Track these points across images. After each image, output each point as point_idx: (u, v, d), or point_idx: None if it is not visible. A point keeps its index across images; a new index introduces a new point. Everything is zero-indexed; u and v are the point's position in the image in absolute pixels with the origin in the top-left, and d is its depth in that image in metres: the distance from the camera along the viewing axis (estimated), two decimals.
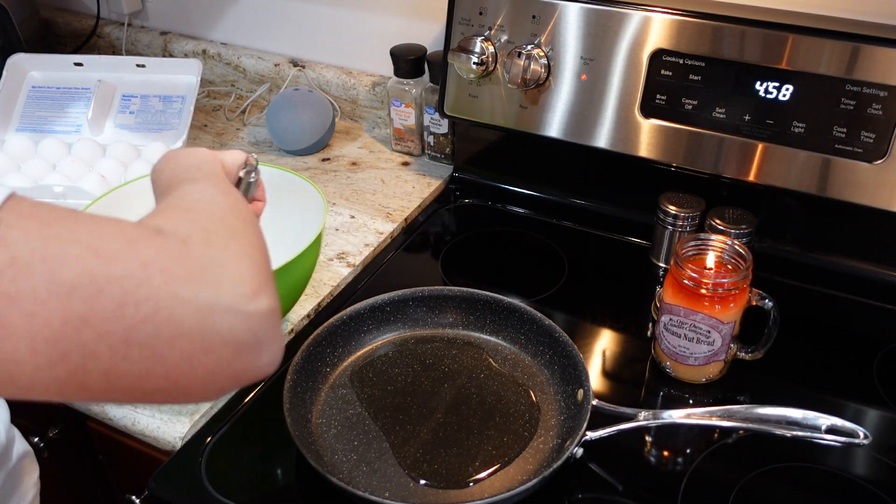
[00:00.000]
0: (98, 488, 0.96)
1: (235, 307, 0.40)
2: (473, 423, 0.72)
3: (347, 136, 1.23)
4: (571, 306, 0.89)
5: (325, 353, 0.77)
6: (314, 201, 0.83)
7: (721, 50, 0.83)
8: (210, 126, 1.27)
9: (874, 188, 0.79)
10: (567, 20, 0.89)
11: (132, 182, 0.87)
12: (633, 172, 0.98)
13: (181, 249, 0.40)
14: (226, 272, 0.41)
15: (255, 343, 0.42)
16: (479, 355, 0.79)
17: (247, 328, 0.41)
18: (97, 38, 1.45)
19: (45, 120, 1.15)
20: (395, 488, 0.66)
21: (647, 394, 0.78)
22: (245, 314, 0.41)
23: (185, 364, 0.39)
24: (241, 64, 1.33)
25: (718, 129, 0.85)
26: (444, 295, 0.82)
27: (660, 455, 0.71)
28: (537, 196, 1.07)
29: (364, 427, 0.72)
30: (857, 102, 0.78)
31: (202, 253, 0.41)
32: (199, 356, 0.39)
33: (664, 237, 0.93)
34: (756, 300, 0.74)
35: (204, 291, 0.39)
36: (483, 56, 0.94)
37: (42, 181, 1.02)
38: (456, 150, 1.12)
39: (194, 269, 0.40)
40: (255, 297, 0.42)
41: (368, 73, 1.24)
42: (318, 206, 0.82)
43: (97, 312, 0.36)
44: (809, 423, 0.66)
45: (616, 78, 0.89)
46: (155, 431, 0.74)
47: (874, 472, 0.69)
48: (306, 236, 0.77)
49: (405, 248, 0.99)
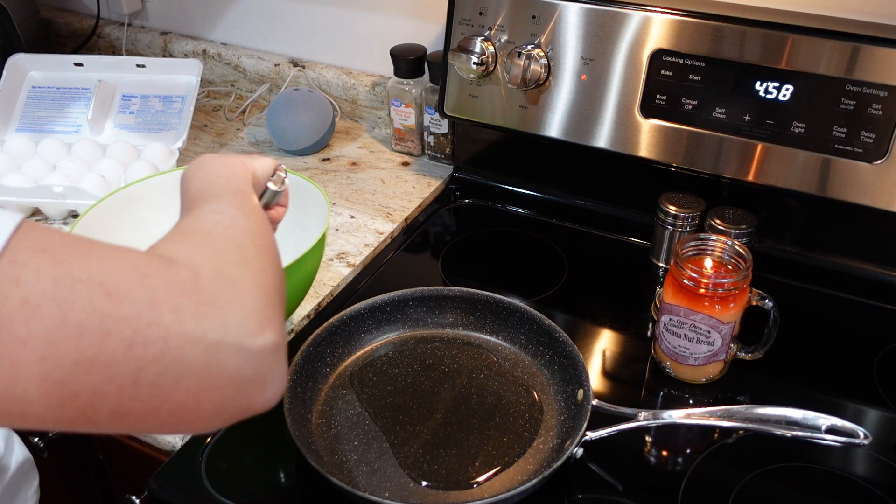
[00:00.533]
0: (98, 488, 0.96)
1: (242, 344, 0.41)
2: (473, 423, 0.72)
3: (347, 136, 1.23)
4: (571, 306, 0.89)
5: (325, 353, 0.77)
6: (317, 202, 0.83)
7: (721, 50, 0.83)
8: (210, 126, 1.27)
9: (874, 188, 0.79)
10: (567, 20, 0.89)
11: (135, 184, 0.87)
12: (633, 172, 0.98)
13: (191, 283, 0.40)
14: (234, 307, 0.41)
15: (260, 379, 0.42)
16: (479, 355, 0.79)
17: (251, 365, 0.41)
18: (97, 38, 1.45)
19: (45, 120, 1.15)
20: (395, 488, 0.66)
21: (647, 394, 0.78)
22: (250, 351, 0.41)
23: (191, 401, 0.39)
24: (241, 64, 1.33)
25: (718, 129, 0.85)
26: (444, 295, 0.82)
27: (660, 455, 0.71)
28: (537, 196, 1.07)
29: (364, 427, 0.72)
30: (857, 102, 0.78)
31: (213, 286, 0.41)
32: (204, 394, 0.40)
33: (664, 237, 0.93)
34: (756, 300, 0.74)
35: (212, 330, 0.39)
36: (483, 56, 0.94)
37: (42, 181, 1.02)
38: (456, 150, 1.12)
39: (204, 304, 0.40)
40: (260, 334, 0.42)
41: (368, 73, 1.24)
42: (321, 207, 0.82)
43: (107, 354, 0.36)
44: (809, 423, 0.66)
45: (616, 78, 0.89)
46: None
47: (874, 472, 0.69)
48: (309, 237, 0.77)
49: (405, 248, 0.99)
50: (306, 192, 0.84)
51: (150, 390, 0.38)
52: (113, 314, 0.37)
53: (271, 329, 0.43)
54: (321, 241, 0.77)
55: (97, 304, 0.36)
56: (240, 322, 0.41)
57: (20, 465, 0.70)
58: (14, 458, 0.70)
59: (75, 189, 0.98)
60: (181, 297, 0.39)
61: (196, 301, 0.39)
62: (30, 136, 1.12)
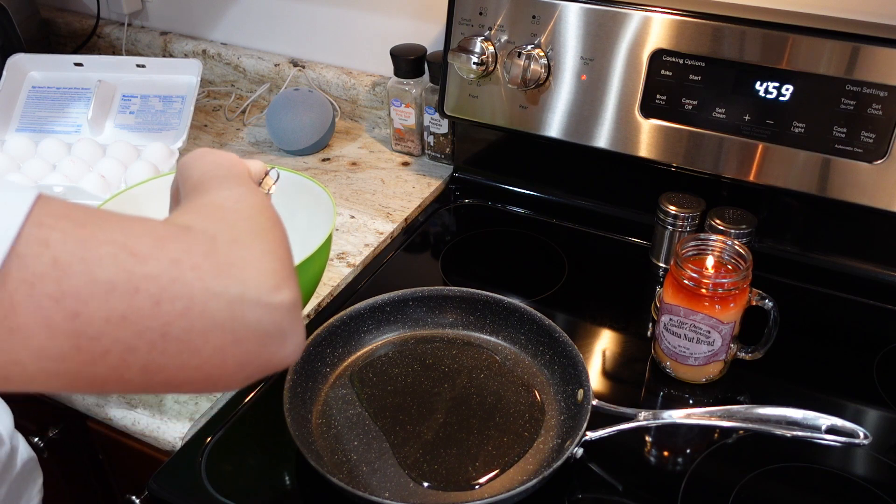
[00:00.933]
0: (98, 488, 0.96)
1: (262, 300, 0.42)
2: (473, 423, 0.72)
3: (347, 136, 1.23)
4: (571, 306, 0.89)
5: (325, 353, 0.77)
6: (322, 203, 0.82)
7: (721, 50, 0.83)
8: (210, 126, 1.27)
9: (874, 188, 0.79)
10: (567, 20, 0.89)
11: (138, 185, 0.87)
12: (633, 172, 0.98)
13: (209, 246, 0.42)
14: (251, 267, 0.43)
15: (280, 334, 0.43)
16: (479, 355, 0.79)
17: (272, 319, 0.43)
18: (97, 38, 1.45)
19: (45, 120, 1.15)
20: (395, 488, 0.66)
21: (647, 394, 0.78)
22: (270, 306, 0.43)
23: (218, 356, 0.41)
24: (241, 64, 1.33)
25: (718, 129, 0.85)
26: (444, 295, 0.82)
27: (660, 455, 0.71)
28: (537, 196, 1.07)
29: (364, 427, 0.72)
30: (857, 102, 0.78)
31: (229, 249, 0.43)
32: (229, 348, 0.41)
33: (664, 237, 0.93)
34: (756, 300, 0.74)
35: (233, 286, 0.41)
36: (483, 56, 0.94)
37: (42, 181, 1.02)
38: (456, 150, 1.12)
39: (222, 264, 0.41)
40: (278, 290, 0.43)
41: (368, 73, 1.24)
42: (326, 208, 0.81)
43: (135, 310, 0.38)
44: (809, 423, 0.66)
45: (616, 78, 0.89)
46: (155, 431, 0.74)
47: (874, 472, 0.69)
48: (315, 238, 0.77)
49: (405, 248, 0.99)
50: (311, 193, 0.84)
51: (178, 345, 0.39)
52: (138, 272, 0.38)
53: (287, 287, 0.44)
54: (327, 241, 0.77)
55: (123, 262, 0.38)
56: (258, 280, 0.42)
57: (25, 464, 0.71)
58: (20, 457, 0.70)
59: (75, 189, 0.98)
60: (200, 257, 0.41)
61: (214, 262, 0.41)
62: (30, 136, 1.12)
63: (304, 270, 0.74)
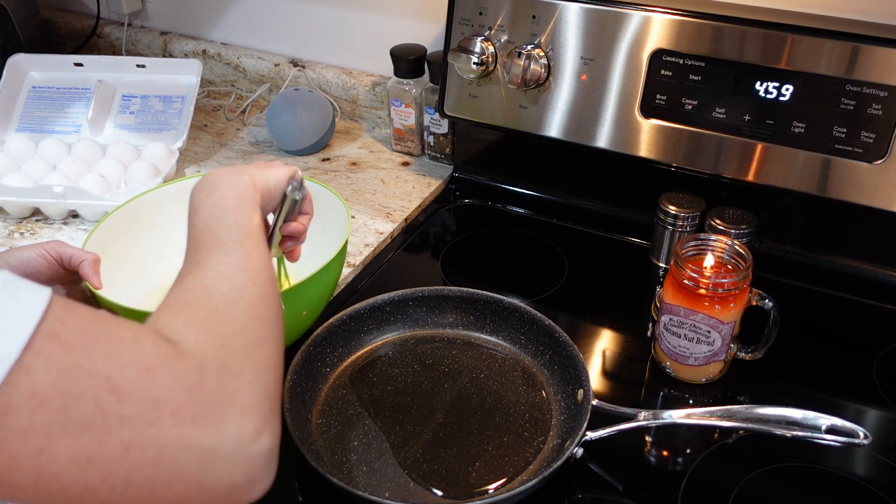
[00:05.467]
0: None
1: (237, 453, 0.41)
2: (473, 423, 0.72)
3: (347, 136, 1.23)
4: (571, 306, 0.89)
5: (325, 353, 0.77)
6: (334, 209, 0.81)
7: (721, 50, 0.83)
8: (210, 126, 1.27)
9: (874, 188, 0.79)
10: (567, 20, 0.89)
11: (148, 193, 0.86)
12: (633, 172, 0.98)
13: (196, 378, 0.41)
14: (235, 408, 0.42)
15: (250, 483, 0.43)
16: (479, 355, 0.79)
17: (243, 471, 0.42)
18: (97, 38, 1.45)
19: (45, 120, 1.15)
20: (395, 488, 0.66)
21: (647, 394, 0.78)
22: (244, 458, 0.42)
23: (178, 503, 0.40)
24: (241, 64, 1.33)
25: (718, 129, 0.85)
26: (444, 295, 0.82)
27: (660, 455, 0.71)
28: (537, 196, 1.07)
29: (364, 427, 0.72)
30: (857, 102, 0.78)
31: (215, 384, 0.41)
32: (193, 496, 0.40)
33: (664, 237, 0.93)
34: (756, 300, 0.74)
35: (208, 438, 0.40)
36: (483, 56, 0.94)
37: (42, 181, 1.02)
38: (456, 150, 1.12)
39: (205, 404, 0.40)
40: (257, 438, 0.42)
41: (368, 73, 1.24)
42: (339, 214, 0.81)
43: (104, 454, 0.37)
44: (809, 423, 0.66)
45: (616, 78, 0.89)
46: None
47: (874, 472, 0.69)
48: (329, 246, 0.76)
49: (405, 248, 0.99)
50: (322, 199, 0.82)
51: (140, 492, 0.38)
52: (116, 413, 0.37)
53: (268, 431, 0.43)
54: (342, 250, 0.76)
55: (102, 401, 0.37)
56: (237, 428, 0.41)
57: None
58: None
59: (75, 189, 0.98)
60: (184, 396, 0.39)
61: (198, 402, 0.40)
62: (30, 136, 1.12)
63: (317, 282, 0.73)
